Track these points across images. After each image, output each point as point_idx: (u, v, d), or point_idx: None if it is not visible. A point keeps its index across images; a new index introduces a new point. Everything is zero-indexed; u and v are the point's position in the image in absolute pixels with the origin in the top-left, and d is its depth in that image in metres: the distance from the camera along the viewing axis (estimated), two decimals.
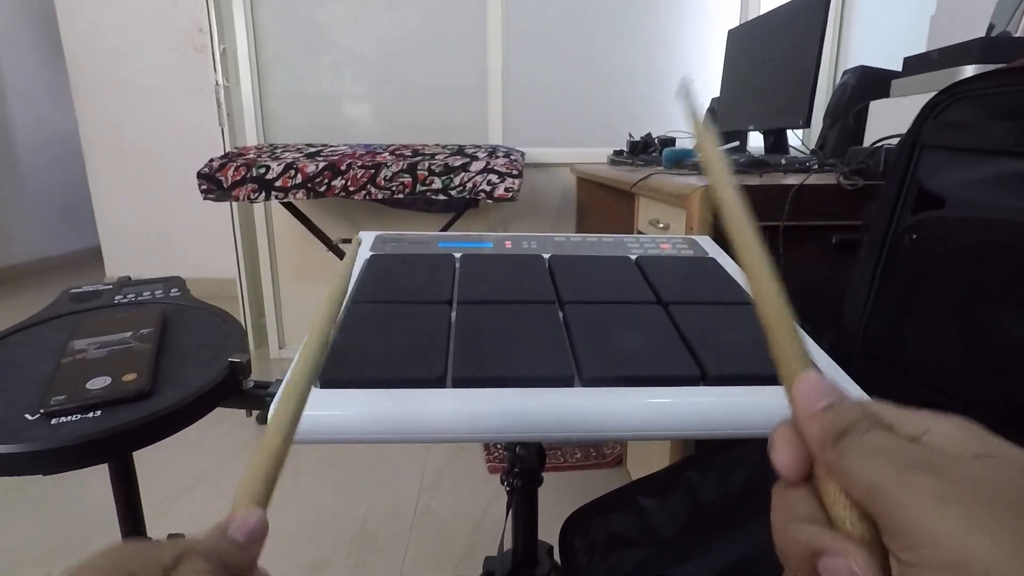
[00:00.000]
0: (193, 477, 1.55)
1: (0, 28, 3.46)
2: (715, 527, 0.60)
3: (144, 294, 0.74)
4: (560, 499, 1.45)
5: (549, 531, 0.76)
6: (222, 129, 2.22)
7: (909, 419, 0.19)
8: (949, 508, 0.16)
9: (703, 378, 0.44)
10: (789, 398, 0.22)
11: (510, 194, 1.67)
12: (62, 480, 1.47)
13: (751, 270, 0.26)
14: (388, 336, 0.47)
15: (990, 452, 0.17)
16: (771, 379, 0.45)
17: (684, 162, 1.32)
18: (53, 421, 0.47)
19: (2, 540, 1.31)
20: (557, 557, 0.76)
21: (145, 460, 0.70)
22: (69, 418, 0.47)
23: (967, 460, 0.17)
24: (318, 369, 0.31)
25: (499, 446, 1.67)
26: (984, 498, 0.16)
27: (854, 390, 0.46)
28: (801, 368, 0.22)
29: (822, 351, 0.51)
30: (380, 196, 1.69)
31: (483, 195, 1.68)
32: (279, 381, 0.44)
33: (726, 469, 0.65)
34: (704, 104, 1.94)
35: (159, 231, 3.26)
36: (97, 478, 0.70)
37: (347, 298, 0.54)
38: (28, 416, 0.48)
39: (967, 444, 0.18)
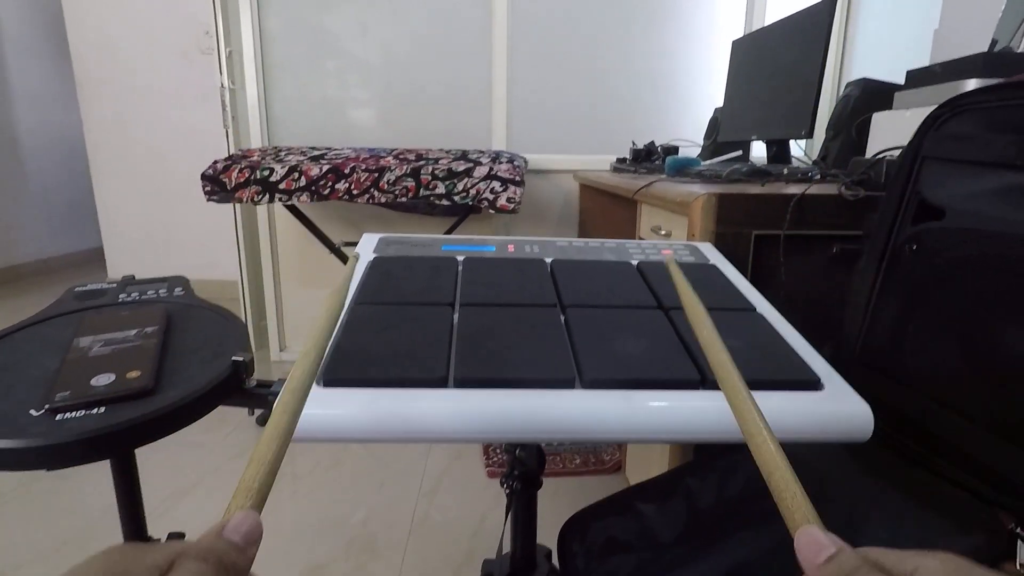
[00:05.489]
0: (194, 478, 1.55)
1: (8, 30, 3.49)
2: (713, 533, 0.60)
3: (148, 293, 0.74)
4: (559, 505, 1.45)
5: (548, 537, 0.76)
6: (226, 131, 2.23)
7: (902, 560, 0.21)
8: None
9: (702, 382, 0.45)
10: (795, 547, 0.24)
11: (512, 205, 1.67)
12: (64, 480, 1.48)
13: (749, 427, 0.28)
14: (391, 336, 0.48)
15: None
16: (770, 384, 0.46)
17: (687, 170, 1.33)
18: (57, 417, 0.47)
19: (3, 539, 1.31)
20: (555, 561, 0.76)
21: (147, 461, 0.70)
22: (73, 414, 0.48)
23: None
24: (314, 376, 0.31)
25: (498, 450, 1.67)
26: None
27: (855, 401, 0.46)
28: (803, 521, 0.23)
29: (823, 360, 0.51)
30: (383, 200, 1.69)
31: (485, 204, 1.68)
32: (281, 381, 0.44)
33: (725, 475, 0.65)
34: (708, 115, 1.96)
35: (162, 233, 3.27)
36: (98, 478, 0.70)
37: (350, 299, 0.54)
38: (33, 412, 0.48)
39: None
